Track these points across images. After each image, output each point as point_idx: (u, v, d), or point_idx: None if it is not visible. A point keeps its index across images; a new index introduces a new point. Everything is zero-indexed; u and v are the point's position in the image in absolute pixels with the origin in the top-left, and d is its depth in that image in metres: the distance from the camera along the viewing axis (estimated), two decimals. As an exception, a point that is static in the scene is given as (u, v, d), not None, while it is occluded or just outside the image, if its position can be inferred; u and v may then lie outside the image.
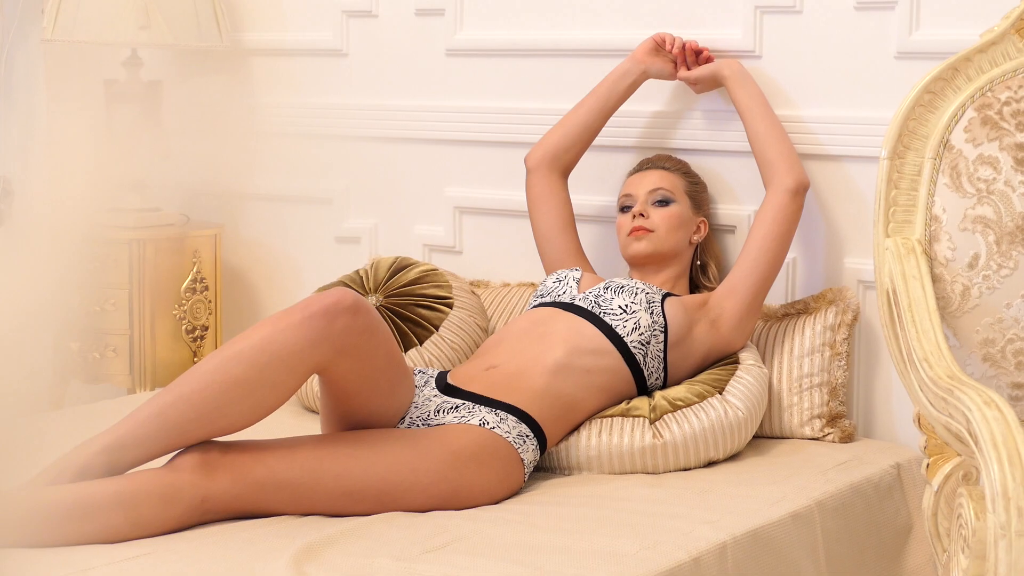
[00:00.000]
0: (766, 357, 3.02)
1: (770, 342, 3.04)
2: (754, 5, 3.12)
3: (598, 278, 3.04)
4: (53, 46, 3.71)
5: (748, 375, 2.87)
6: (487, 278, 3.47)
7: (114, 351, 3.60)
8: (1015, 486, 2.00)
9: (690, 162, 3.17)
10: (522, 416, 2.66)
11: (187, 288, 3.68)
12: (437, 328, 3.14)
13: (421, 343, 3.12)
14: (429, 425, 2.64)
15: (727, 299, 2.95)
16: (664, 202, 3.05)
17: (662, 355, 2.86)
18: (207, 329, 3.73)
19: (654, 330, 2.85)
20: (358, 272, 3.29)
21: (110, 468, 2.36)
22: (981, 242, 2.49)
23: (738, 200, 3.18)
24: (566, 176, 3.23)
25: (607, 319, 2.84)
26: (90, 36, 3.56)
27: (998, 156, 2.51)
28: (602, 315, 2.85)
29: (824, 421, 2.96)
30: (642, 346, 2.84)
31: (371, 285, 3.22)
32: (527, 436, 2.65)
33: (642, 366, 2.84)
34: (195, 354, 3.69)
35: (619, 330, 2.83)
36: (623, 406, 2.80)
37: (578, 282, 2.99)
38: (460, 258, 3.56)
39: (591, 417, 2.79)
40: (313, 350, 2.43)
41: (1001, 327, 2.48)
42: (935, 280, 2.50)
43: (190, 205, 3.91)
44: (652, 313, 2.86)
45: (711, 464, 2.80)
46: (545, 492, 2.62)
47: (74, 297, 3.49)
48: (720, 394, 2.82)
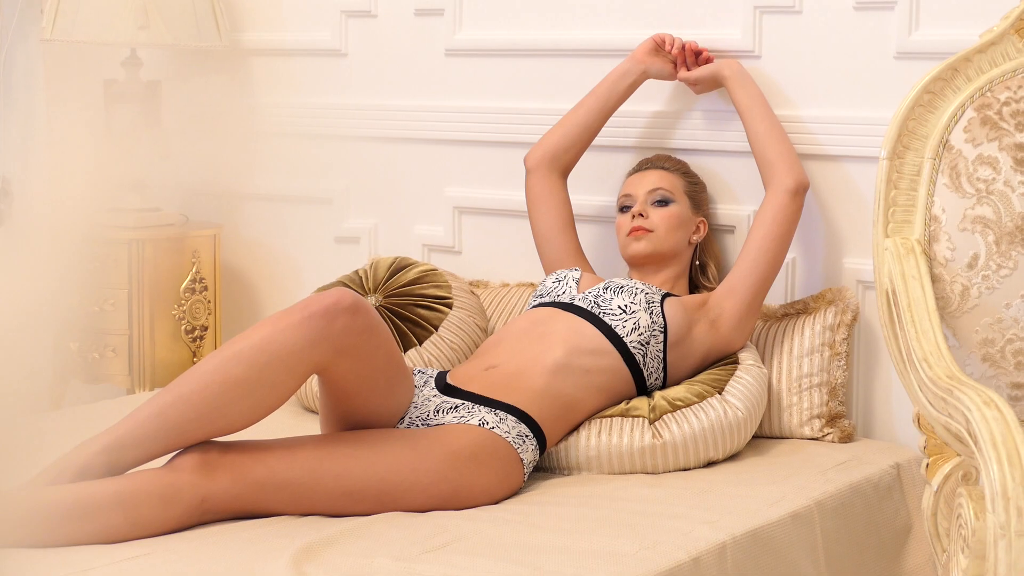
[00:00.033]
0: (765, 357, 3.02)
1: (769, 342, 3.04)
2: (753, 5, 3.12)
3: (597, 278, 3.03)
4: (52, 46, 3.71)
5: (747, 375, 2.87)
6: (486, 278, 3.47)
7: (113, 351, 3.60)
8: (1015, 486, 2.00)
9: (689, 162, 3.17)
10: (521, 416, 2.66)
11: (186, 288, 3.68)
12: (436, 328, 3.14)
13: (420, 343, 3.12)
14: (429, 425, 2.64)
15: (727, 299, 2.95)
16: (663, 202, 3.05)
17: (661, 355, 2.86)
18: (206, 329, 3.73)
19: (653, 330, 2.85)
20: (357, 272, 3.29)
21: (110, 468, 2.36)
22: (980, 242, 2.49)
23: (737, 200, 3.18)
24: (566, 176, 3.23)
25: (606, 319, 2.84)
26: (89, 36, 3.56)
27: (997, 156, 2.51)
28: (601, 315, 2.85)
29: (824, 421, 2.96)
30: (641, 346, 2.84)
31: (370, 285, 3.22)
32: (526, 436, 2.64)
33: (641, 366, 2.84)
34: (194, 354, 3.69)
35: (618, 330, 2.83)
36: (622, 406, 2.80)
37: (577, 282, 2.99)
38: (459, 258, 3.56)
39: (590, 417, 2.79)
40: (312, 350, 2.43)
41: (1000, 327, 2.48)
42: (934, 280, 2.50)
43: (189, 205, 3.90)
44: (651, 313, 2.86)
45: (710, 464, 2.79)
46: (545, 492, 2.62)
47: (73, 297, 3.49)
48: (720, 394, 2.82)
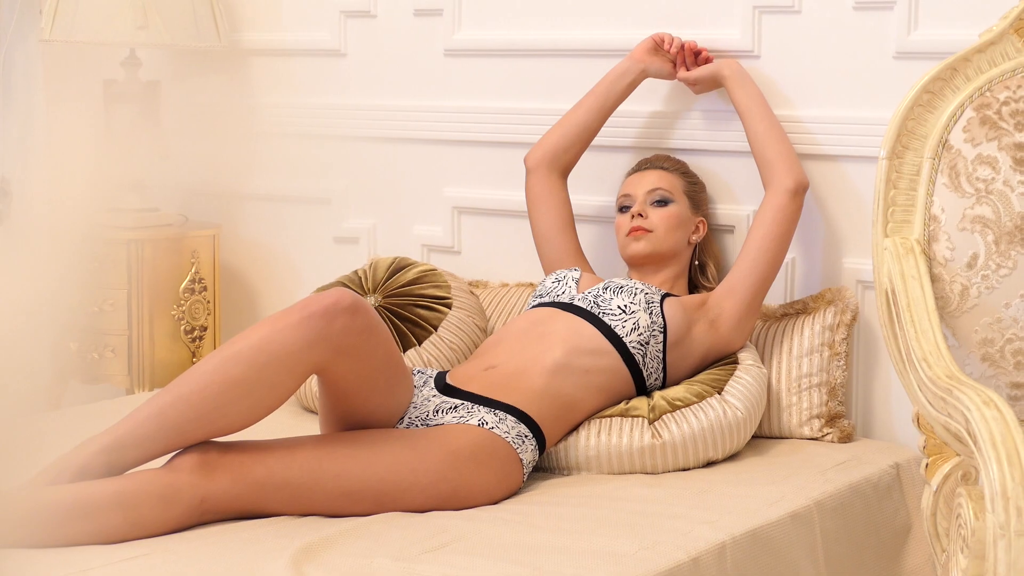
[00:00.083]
0: (765, 357, 3.02)
1: (769, 342, 3.04)
2: (752, 5, 3.12)
3: (597, 278, 3.03)
4: (51, 46, 3.70)
5: (747, 375, 2.87)
6: (486, 278, 3.47)
7: (113, 351, 3.60)
8: (1014, 486, 2.00)
9: (689, 162, 3.17)
10: (521, 416, 2.66)
11: (186, 288, 3.68)
12: (436, 328, 3.14)
13: (420, 343, 3.12)
14: (428, 425, 2.64)
15: (726, 299, 2.95)
16: (663, 202, 3.05)
17: (661, 355, 2.86)
18: (206, 329, 3.73)
19: (653, 330, 2.85)
20: (357, 272, 3.29)
21: (109, 468, 2.36)
22: (980, 242, 2.49)
23: (737, 200, 3.18)
24: (566, 176, 3.23)
25: (606, 319, 2.84)
26: (88, 36, 3.56)
27: (997, 156, 2.51)
28: (601, 315, 2.85)
29: (823, 421, 2.96)
30: (641, 346, 2.84)
31: (370, 285, 3.22)
32: (526, 436, 2.64)
33: (641, 366, 2.84)
34: (193, 354, 3.69)
35: (618, 330, 2.83)
36: (622, 406, 2.80)
37: (577, 282, 2.99)
38: (459, 258, 3.56)
39: (590, 417, 2.79)
40: (312, 350, 2.43)
41: (1000, 327, 2.48)
42: (934, 280, 2.50)
43: (189, 205, 3.90)
44: (651, 313, 2.86)
45: (710, 464, 2.79)
46: (544, 492, 2.62)
47: (73, 297, 3.49)
48: (719, 394, 2.82)
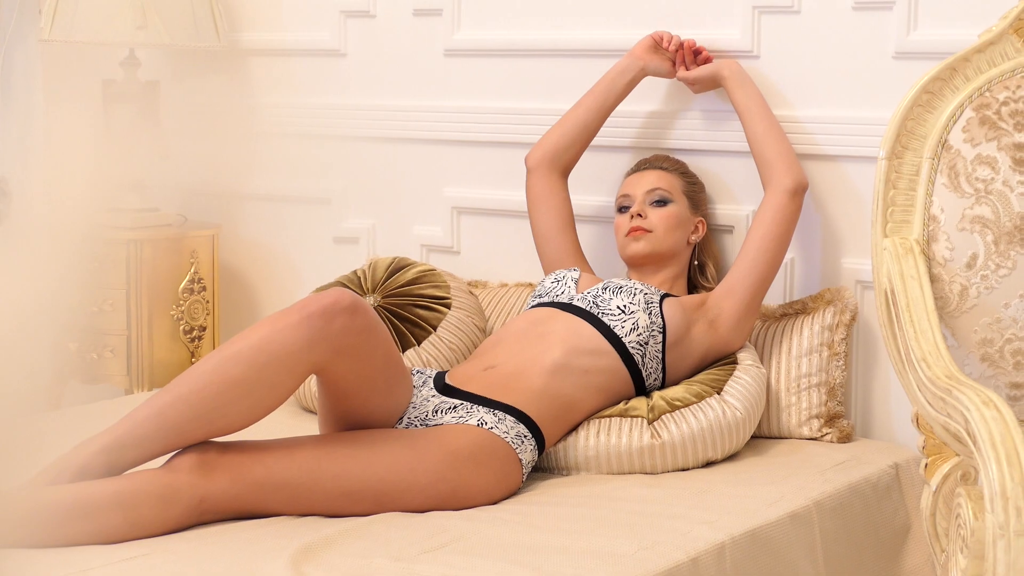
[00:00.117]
0: (764, 357, 3.02)
1: (768, 342, 3.04)
2: (752, 5, 3.12)
3: (596, 278, 3.03)
4: (51, 46, 3.70)
5: (746, 375, 2.87)
6: (485, 278, 3.47)
7: (112, 351, 3.60)
8: (1013, 486, 2.00)
9: (688, 162, 3.17)
10: (520, 416, 2.66)
11: (185, 288, 3.68)
12: (435, 328, 3.14)
13: (419, 343, 3.12)
14: (427, 425, 2.64)
15: (725, 299, 2.95)
16: (662, 202, 3.05)
17: (660, 355, 2.86)
18: (205, 329, 3.73)
19: (652, 330, 2.85)
20: (356, 272, 3.29)
21: (109, 468, 2.36)
22: (979, 242, 2.49)
23: (736, 200, 3.18)
24: (566, 175, 3.23)
25: (605, 319, 2.84)
26: (87, 36, 3.56)
27: (996, 156, 2.51)
28: (600, 315, 2.85)
29: (822, 421, 2.96)
30: (640, 346, 2.83)
31: (369, 285, 3.21)
32: (525, 436, 2.64)
33: (640, 366, 2.84)
34: (193, 354, 3.69)
35: (617, 330, 2.83)
36: (621, 406, 2.80)
37: (576, 282, 2.99)
38: (458, 258, 3.56)
39: (589, 417, 2.79)
40: (311, 350, 2.43)
41: (999, 327, 2.48)
42: (933, 280, 2.50)
43: (188, 205, 3.90)
44: (650, 314, 2.86)
45: (709, 464, 2.79)
46: (543, 492, 2.62)
47: (72, 297, 3.49)
48: (718, 394, 2.82)
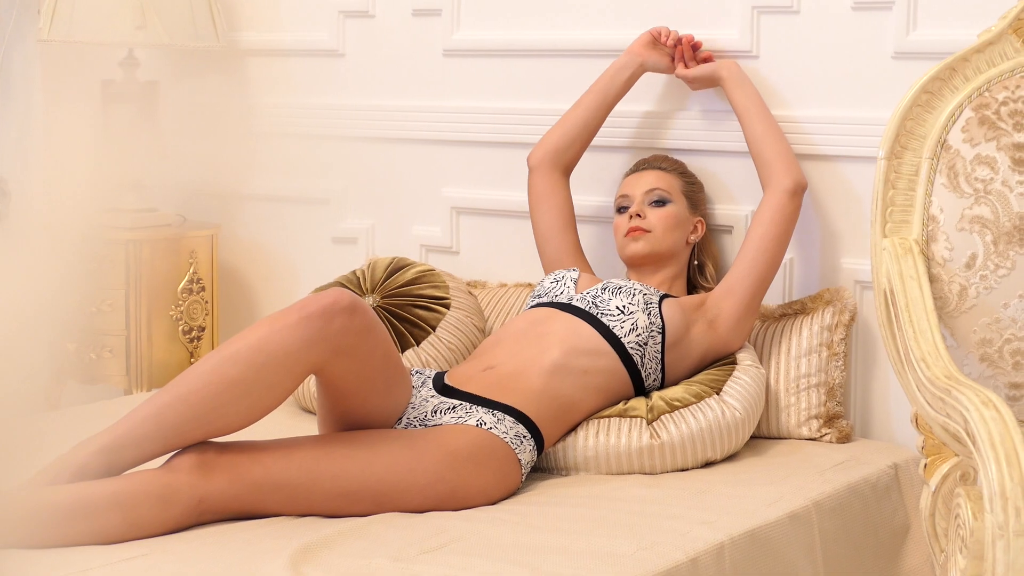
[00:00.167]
0: (763, 357, 3.02)
1: (767, 342, 3.04)
2: (751, 5, 3.11)
3: (596, 279, 3.03)
4: (50, 46, 3.70)
5: (745, 375, 2.87)
6: (484, 279, 3.47)
7: (111, 352, 3.60)
8: (1013, 486, 2.00)
9: (687, 162, 3.16)
10: (519, 417, 2.66)
11: (184, 289, 3.67)
12: (434, 329, 3.14)
13: (418, 344, 3.12)
14: (426, 426, 2.64)
15: (725, 299, 2.95)
16: (661, 202, 3.05)
17: (659, 356, 2.86)
18: (204, 330, 3.73)
19: (651, 331, 2.85)
20: (355, 272, 3.28)
21: (108, 468, 2.36)
22: (978, 242, 2.49)
23: (735, 200, 3.18)
24: (568, 174, 3.23)
25: (604, 320, 2.84)
26: (86, 36, 3.55)
27: (995, 156, 2.51)
28: (599, 316, 2.85)
29: (821, 421, 2.96)
30: (639, 347, 2.83)
31: (368, 285, 3.21)
32: (524, 437, 2.64)
33: (639, 367, 2.84)
34: (192, 355, 3.69)
35: (616, 331, 2.83)
36: (620, 407, 2.80)
37: (575, 282, 2.99)
38: (457, 258, 3.56)
39: (588, 418, 2.79)
40: (310, 350, 2.42)
41: (998, 327, 2.48)
42: (932, 280, 2.50)
43: (187, 205, 3.90)
44: (650, 314, 2.85)
45: (708, 464, 2.79)
46: (542, 493, 2.62)
47: (71, 298, 3.49)
48: (717, 394, 2.82)
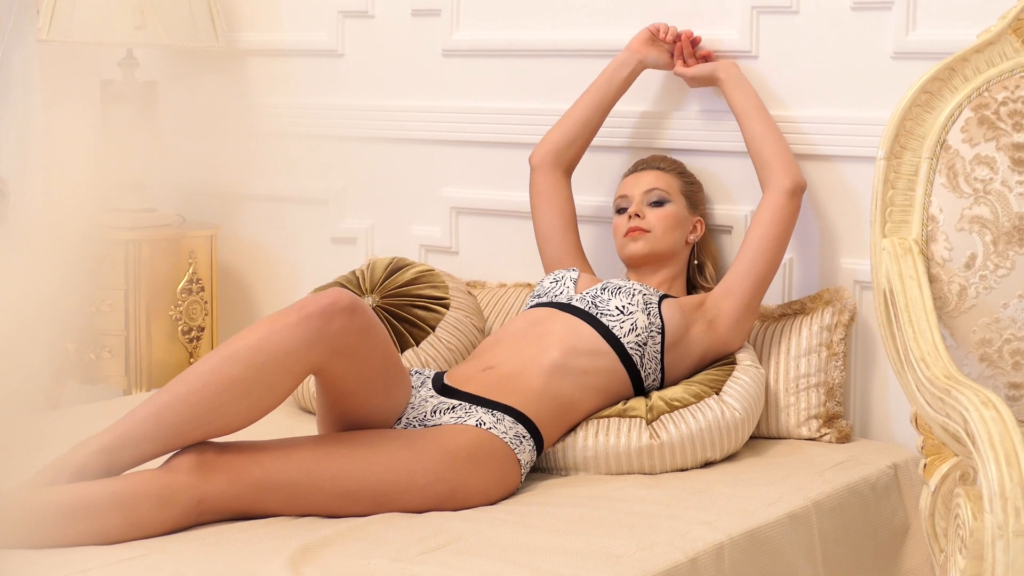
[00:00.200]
0: (763, 357, 3.02)
1: (767, 343, 3.04)
2: (750, 5, 3.11)
3: (596, 279, 3.03)
4: (49, 46, 3.70)
5: (745, 375, 2.87)
6: (483, 279, 3.46)
7: (110, 352, 3.60)
8: (1012, 486, 2.00)
9: (686, 162, 3.16)
10: (519, 417, 2.66)
11: (183, 289, 3.67)
12: (433, 329, 3.14)
13: (417, 344, 3.12)
14: (426, 426, 2.64)
15: (724, 300, 2.95)
16: (660, 202, 3.05)
17: (659, 356, 2.86)
18: (203, 330, 3.73)
19: (651, 331, 2.85)
20: (354, 273, 3.28)
21: (107, 469, 2.36)
22: (978, 242, 2.49)
23: (734, 200, 3.18)
24: (569, 173, 3.23)
25: (604, 320, 2.84)
26: (86, 36, 3.55)
27: (995, 156, 2.51)
28: (599, 316, 2.85)
29: (821, 421, 2.96)
30: (639, 347, 2.83)
31: (367, 286, 3.21)
32: (524, 437, 2.64)
33: (639, 367, 2.84)
34: (191, 355, 3.69)
35: (616, 331, 2.83)
36: (620, 407, 2.80)
37: (575, 282, 2.99)
38: (456, 259, 3.56)
39: (588, 418, 2.79)
40: (309, 350, 2.42)
41: (998, 327, 2.48)
42: (932, 280, 2.50)
43: (186, 205, 3.90)
44: (649, 314, 2.85)
45: (708, 464, 2.79)
46: (542, 493, 2.62)
47: (71, 298, 3.49)
48: (717, 395, 2.82)
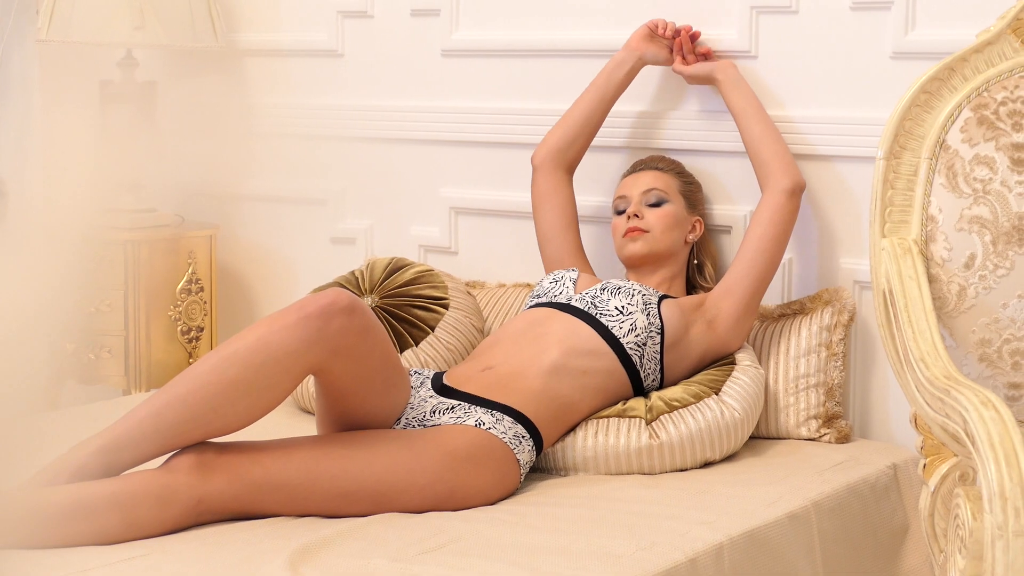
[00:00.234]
0: (762, 358, 3.02)
1: (766, 343, 3.04)
2: (750, 5, 3.11)
3: (595, 279, 3.03)
4: (48, 47, 3.70)
5: (744, 376, 2.87)
6: (483, 279, 3.46)
7: (109, 352, 3.59)
8: (1012, 486, 2.00)
9: (685, 162, 3.16)
10: (518, 417, 2.66)
11: (182, 289, 3.67)
12: (433, 329, 3.14)
13: (417, 344, 3.11)
14: (425, 426, 2.63)
15: (724, 300, 2.95)
16: (658, 202, 3.05)
17: (658, 356, 2.86)
18: (202, 330, 3.73)
19: (650, 331, 2.84)
20: (354, 273, 3.28)
21: (106, 469, 2.36)
22: (977, 242, 2.49)
23: (733, 200, 3.18)
24: (571, 173, 3.23)
25: (603, 320, 2.84)
26: (85, 37, 3.55)
27: (994, 156, 2.51)
28: (598, 316, 2.85)
29: (820, 422, 2.96)
30: (638, 347, 2.83)
31: (367, 286, 3.21)
32: (523, 437, 2.64)
33: (638, 367, 2.84)
34: (190, 355, 3.68)
35: (615, 331, 2.83)
36: (619, 407, 2.80)
37: (575, 283, 2.99)
38: (456, 259, 3.55)
39: (587, 418, 2.79)
40: (308, 351, 2.42)
41: (997, 327, 2.48)
42: (931, 280, 2.50)
43: (185, 206, 3.90)
44: (648, 315, 2.85)
45: (707, 465, 2.79)
46: (541, 493, 2.62)
47: (70, 298, 3.49)
48: (716, 395, 2.82)
